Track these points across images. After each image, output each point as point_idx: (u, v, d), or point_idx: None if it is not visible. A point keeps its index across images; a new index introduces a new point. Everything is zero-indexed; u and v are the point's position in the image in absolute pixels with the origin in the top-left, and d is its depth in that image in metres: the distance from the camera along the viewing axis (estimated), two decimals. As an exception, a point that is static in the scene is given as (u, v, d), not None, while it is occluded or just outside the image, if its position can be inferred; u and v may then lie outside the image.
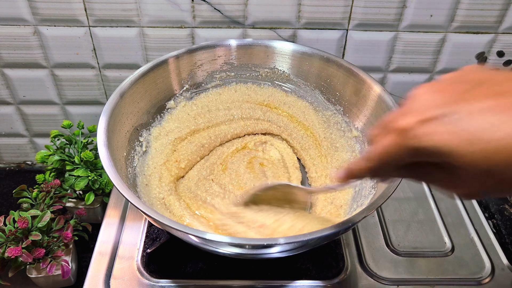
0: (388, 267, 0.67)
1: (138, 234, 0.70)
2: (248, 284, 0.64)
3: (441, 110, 0.30)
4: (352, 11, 0.81)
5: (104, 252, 0.68)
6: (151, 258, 0.65)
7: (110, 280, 0.64)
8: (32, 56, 0.87)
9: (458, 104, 0.30)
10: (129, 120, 0.67)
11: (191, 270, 0.66)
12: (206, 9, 0.81)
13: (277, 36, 0.85)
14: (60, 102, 0.95)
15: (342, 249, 0.69)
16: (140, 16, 0.81)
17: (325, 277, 0.65)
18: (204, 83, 0.79)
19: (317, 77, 0.76)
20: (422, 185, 0.80)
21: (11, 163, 1.08)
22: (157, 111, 0.74)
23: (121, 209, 0.75)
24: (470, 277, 0.66)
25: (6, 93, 0.93)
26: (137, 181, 0.66)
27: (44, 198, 0.78)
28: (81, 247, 0.85)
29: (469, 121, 0.29)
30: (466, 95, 0.30)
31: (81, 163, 0.83)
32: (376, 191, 0.61)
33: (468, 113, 0.29)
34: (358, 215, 0.51)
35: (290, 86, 0.79)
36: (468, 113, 0.29)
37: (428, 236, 0.72)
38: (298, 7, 0.81)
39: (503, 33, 0.84)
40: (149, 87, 0.71)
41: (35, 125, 0.99)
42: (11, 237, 0.71)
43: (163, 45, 0.85)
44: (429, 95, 0.32)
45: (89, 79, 0.91)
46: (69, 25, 0.82)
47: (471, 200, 0.39)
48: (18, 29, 0.83)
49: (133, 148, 0.68)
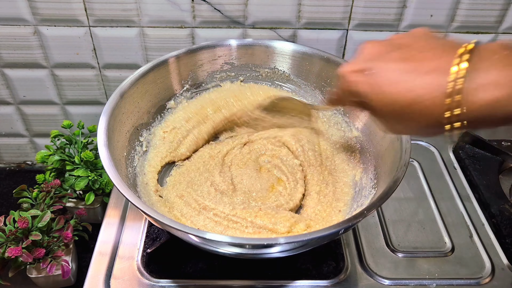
0: (388, 267, 0.67)
1: (138, 234, 0.70)
2: (248, 284, 0.64)
3: (368, 64, 0.40)
4: (352, 11, 0.81)
5: (104, 252, 0.68)
6: (151, 258, 0.65)
7: (110, 280, 0.64)
8: (32, 56, 0.87)
9: (380, 61, 0.40)
10: (129, 120, 0.67)
11: (191, 270, 0.66)
12: (206, 9, 0.81)
13: (277, 36, 0.85)
14: (60, 102, 0.95)
15: (342, 249, 0.69)
16: (140, 16, 0.81)
17: (325, 277, 0.65)
18: (204, 83, 0.79)
19: (317, 77, 0.76)
20: (422, 185, 0.81)
21: (11, 163, 1.08)
22: (158, 111, 0.74)
23: (121, 209, 0.75)
24: (470, 277, 0.66)
25: (6, 93, 0.93)
26: (137, 181, 0.66)
27: (44, 198, 0.78)
28: (81, 247, 0.85)
29: (381, 76, 0.39)
30: (389, 55, 0.40)
31: (81, 163, 0.83)
32: (376, 191, 0.61)
33: (383, 70, 0.39)
34: (358, 215, 0.51)
35: (290, 86, 0.79)
36: (383, 70, 0.39)
37: (428, 236, 0.72)
38: (298, 7, 0.81)
39: (503, 33, 0.84)
40: (150, 87, 0.71)
41: (35, 125, 0.99)
42: (11, 237, 0.71)
43: (163, 45, 0.85)
44: (367, 51, 0.42)
45: (89, 79, 0.91)
46: (69, 25, 0.82)
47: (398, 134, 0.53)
48: (18, 29, 0.83)
49: (134, 148, 0.68)
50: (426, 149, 0.88)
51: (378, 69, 0.39)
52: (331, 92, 0.51)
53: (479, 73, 0.34)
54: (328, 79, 0.75)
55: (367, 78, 0.40)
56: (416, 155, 0.86)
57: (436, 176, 0.82)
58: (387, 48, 0.41)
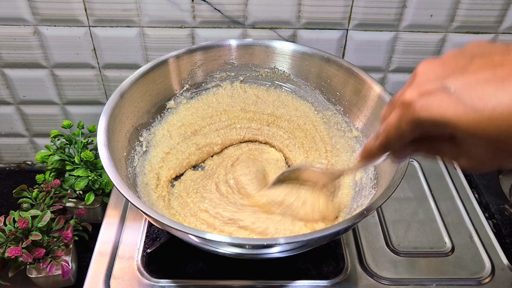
0: (388, 267, 0.67)
1: (138, 234, 0.70)
2: (248, 284, 0.64)
3: (440, 83, 0.32)
4: (352, 11, 0.81)
5: (104, 252, 0.68)
6: (151, 258, 0.65)
7: (110, 280, 0.64)
8: (32, 56, 0.87)
9: (457, 76, 0.31)
10: (129, 120, 0.67)
11: (191, 270, 0.66)
12: (206, 9, 0.81)
13: (277, 36, 0.85)
14: (60, 102, 0.95)
15: (342, 249, 0.69)
16: (140, 16, 0.81)
17: (325, 277, 0.65)
18: (204, 83, 0.79)
19: (317, 77, 0.76)
20: (422, 185, 0.81)
21: (11, 163, 1.08)
22: (157, 111, 0.74)
23: (121, 209, 0.75)
24: (470, 277, 0.66)
25: (6, 93, 0.93)
26: (137, 181, 0.66)
27: (44, 198, 0.78)
28: (81, 247, 0.85)
29: (469, 91, 0.30)
30: (464, 68, 0.32)
31: (81, 163, 0.83)
32: (376, 191, 0.61)
33: (467, 84, 0.31)
34: (358, 215, 0.51)
35: (290, 86, 0.79)
36: (467, 84, 0.31)
37: (428, 236, 0.72)
38: (298, 7, 0.81)
39: (503, 33, 0.84)
40: (149, 87, 0.71)
41: (35, 125, 0.99)
42: (11, 237, 0.71)
43: (163, 45, 0.85)
44: (430, 69, 0.34)
45: (89, 79, 0.91)
46: (69, 25, 0.82)
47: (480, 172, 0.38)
48: (18, 29, 0.83)
49: (133, 148, 0.68)
50: (426, 149, 0.88)
51: (458, 82, 0.31)
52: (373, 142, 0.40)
53: None
54: (328, 79, 0.75)
55: (447, 95, 0.31)
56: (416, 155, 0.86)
57: (436, 176, 0.82)
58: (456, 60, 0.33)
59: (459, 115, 0.30)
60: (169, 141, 0.73)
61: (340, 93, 0.74)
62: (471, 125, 0.30)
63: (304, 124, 0.77)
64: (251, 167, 0.70)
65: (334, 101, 0.75)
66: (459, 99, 0.30)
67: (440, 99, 0.31)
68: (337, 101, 0.75)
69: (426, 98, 0.32)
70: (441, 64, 0.34)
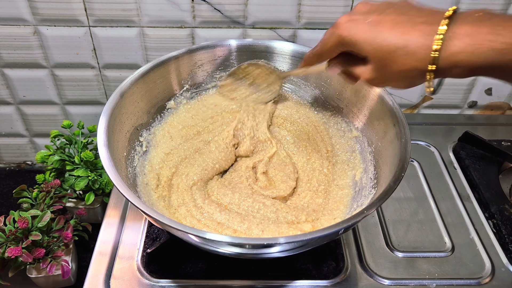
0: (388, 267, 0.67)
1: (138, 234, 0.70)
2: (248, 284, 0.64)
3: (364, 16, 0.46)
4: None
5: (104, 252, 0.68)
6: (151, 258, 0.65)
7: (110, 280, 0.64)
8: (32, 56, 0.87)
9: (376, 15, 0.46)
10: (129, 120, 0.67)
11: (191, 270, 0.66)
12: (206, 9, 0.81)
13: (277, 36, 0.85)
14: (60, 102, 0.95)
15: (342, 249, 0.68)
16: (140, 16, 0.81)
17: (325, 277, 0.65)
18: (204, 83, 0.79)
19: (317, 77, 0.76)
20: (422, 185, 0.81)
21: (11, 163, 1.08)
22: (158, 111, 0.74)
23: (121, 209, 0.75)
24: (470, 277, 0.66)
25: (6, 93, 0.93)
26: (137, 181, 0.66)
27: (44, 198, 0.78)
28: (81, 247, 0.85)
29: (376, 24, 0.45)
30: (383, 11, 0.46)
31: (81, 163, 0.83)
32: (376, 191, 0.61)
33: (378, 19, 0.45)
34: (358, 215, 0.51)
35: (290, 87, 0.79)
36: (378, 19, 0.45)
37: (428, 236, 0.72)
38: (298, 7, 0.81)
39: (503, 33, 0.84)
40: (150, 87, 0.71)
41: (35, 125, 0.99)
42: (11, 237, 0.71)
43: (163, 45, 0.85)
44: (362, 7, 0.48)
45: (89, 79, 0.91)
46: (69, 25, 0.82)
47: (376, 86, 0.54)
48: (18, 29, 0.83)
49: (133, 148, 0.68)
50: (426, 149, 0.89)
51: (373, 19, 0.45)
52: (312, 50, 0.55)
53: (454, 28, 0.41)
54: (328, 79, 0.75)
55: (363, 25, 0.46)
56: (416, 155, 0.86)
57: (436, 176, 0.82)
58: (382, 6, 0.47)
59: (365, 39, 0.45)
60: (169, 142, 0.73)
61: (340, 93, 0.74)
62: (370, 49, 0.45)
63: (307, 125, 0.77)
64: None
65: (334, 101, 0.75)
66: (369, 29, 0.45)
67: (358, 26, 0.46)
68: (337, 101, 0.75)
69: (350, 23, 0.47)
70: (371, 5, 0.48)
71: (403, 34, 0.43)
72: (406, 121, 0.61)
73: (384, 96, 0.65)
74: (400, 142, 0.59)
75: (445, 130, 0.94)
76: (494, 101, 1.00)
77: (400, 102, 0.98)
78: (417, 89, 0.98)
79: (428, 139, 0.90)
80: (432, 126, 0.95)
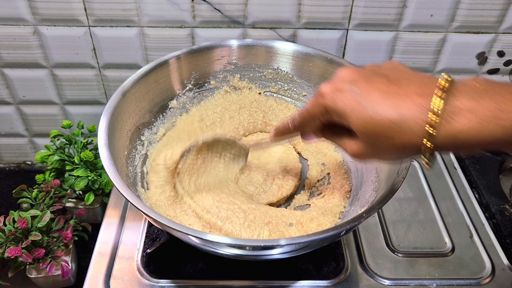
0: (388, 267, 0.67)
1: (138, 234, 0.70)
2: (248, 285, 0.64)
3: (350, 85, 0.42)
4: (352, 11, 0.81)
5: (104, 252, 0.68)
6: (151, 258, 0.65)
7: (110, 280, 0.64)
8: (32, 56, 0.86)
9: (362, 84, 0.41)
10: (131, 119, 0.67)
11: (191, 270, 0.66)
12: (206, 9, 0.81)
13: (277, 36, 0.85)
14: (60, 102, 0.95)
15: (342, 249, 0.68)
16: (140, 16, 0.81)
17: (325, 277, 0.65)
18: (207, 83, 0.78)
19: (320, 78, 0.76)
20: (422, 185, 0.80)
21: (11, 163, 1.08)
22: (160, 110, 0.74)
23: (121, 209, 0.75)
24: (470, 277, 0.66)
25: (6, 93, 0.93)
26: (137, 180, 0.66)
27: (44, 198, 0.78)
28: (81, 247, 0.85)
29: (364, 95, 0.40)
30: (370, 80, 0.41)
31: (81, 163, 0.83)
32: (377, 193, 0.61)
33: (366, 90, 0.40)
34: (359, 217, 0.51)
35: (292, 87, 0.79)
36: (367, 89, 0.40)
37: (428, 236, 0.72)
38: (298, 7, 0.81)
39: (503, 33, 0.84)
40: (152, 87, 0.71)
41: (35, 125, 0.99)
42: (11, 237, 0.71)
43: (163, 45, 0.85)
44: (347, 73, 0.43)
45: (89, 79, 0.91)
46: (69, 25, 0.82)
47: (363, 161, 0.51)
48: (18, 29, 0.83)
49: (135, 147, 0.68)
50: (426, 149, 0.88)
51: (361, 89, 0.41)
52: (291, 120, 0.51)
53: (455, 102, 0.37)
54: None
55: (350, 95, 0.41)
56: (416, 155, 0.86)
57: (436, 176, 0.82)
58: (368, 73, 0.43)
59: (353, 111, 0.41)
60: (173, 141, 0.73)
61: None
62: (360, 122, 0.40)
63: None
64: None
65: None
66: (357, 100, 0.40)
67: (345, 96, 0.41)
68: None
69: (336, 93, 0.42)
70: (356, 72, 0.43)
71: (397, 107, 0.38)
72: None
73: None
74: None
75: (445, 130, 0.94)
76: (494, 101, 1.00)
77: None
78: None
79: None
80: (432, 126, 0.95)
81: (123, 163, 0.63)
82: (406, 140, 0.39)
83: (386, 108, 0.39)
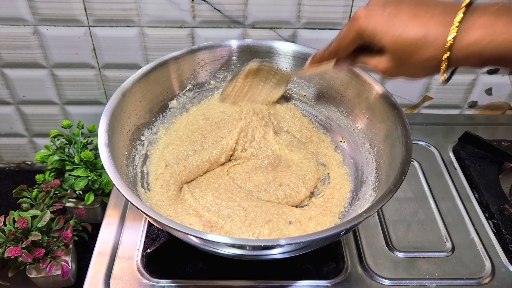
0: (388, 267, 0.67)
1: (138, 234, 0.70)
2: (248, 284, 0.64)
3: (382, 8, 0.47)
4: (352, 11, 0.81)
5: (104, 252, 0.68)
6: (151, 258, 0.65)
7: (110, 280, 0.64)
8: (32, 56, 0.87)
9: (393, 7, 0.47)
10: (131, 119, 0.67)
11: (191, 270, 0.66)
12: (206, 9, 0.81)
13: (277, 36, 0.85)
14: (60, 102, 0.95)
15: (342, 249, 0.68)
16: (140, 16, 0.81)
17: (325, 277, 0.65)
18: (207, 83, 0.78)
19: (320, 79, 0.76)
20: (422, 185, 0.81)
21: (11, 163, 1.08)
22: (160, 110, 0.74)
23: (121, 209, 0.75)
24: (470, 277, 0.66)
25: (6, 93, 0.93)
26: (137, 180, 0.66)
27: (44, 198, 0.78)
28: (81, 247, 0.85)
29: (395, 15, 0.46)
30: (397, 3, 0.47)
31: (80, 163, 0.83)
32: (376, 193, 0.61)
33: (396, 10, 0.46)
34: (359, 217, 0.51)
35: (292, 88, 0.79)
36: (397, 10, 0.46)
37: (428, 236, 0.72)
38: (298, 7, 0.81)
39: (503, 33, 0.84)
40: (152, 87, 0.71)
41: (35, 125, 0.99)
42: (11, 237, 0.71)
43: (163, 45, 0.85)
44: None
45: (89, 79, 0.91)
46: (69, 25, 0.82)
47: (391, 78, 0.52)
48: (18, 29, 0.83)
49: (135, 147, 0.68)
50: (426, 149, 0.89)
51: (391, 11, 0.46)
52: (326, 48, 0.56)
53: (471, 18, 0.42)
54: (331, 80, 0.75)
55: (382, 16, 0.47)
56: (416, 155, 0.86)
57: (436, 176, 0.82)
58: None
59: (384, 30, 0.46)
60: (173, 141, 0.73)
61: (342, 94, 0.74)
62: (390, 39, 0.46)
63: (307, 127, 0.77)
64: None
65: (336, 103, 0.75)
66: (388, 21, 0.46)
67: (377, 18, 0.47)
68: (339, 102, 0.75)
69: (369, 16, 0.48)
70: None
71: (422, 25, 0.44)
72: (409, 124, 0.61)
73: (387, 97, 0.65)
74: (402, 145, 0.59)
75: (445, 130, 0.94)
76: (494, 101, 1.00)
77: (400, 102, 0.98)
78: (417, 89, 0.98)
79: (428, 139, 0.90)
80: (432, 126, 0.95)
81: (123, 163, 0.63)
82: (429, 55, 0.44)
83: (413, 27, 0.45)
